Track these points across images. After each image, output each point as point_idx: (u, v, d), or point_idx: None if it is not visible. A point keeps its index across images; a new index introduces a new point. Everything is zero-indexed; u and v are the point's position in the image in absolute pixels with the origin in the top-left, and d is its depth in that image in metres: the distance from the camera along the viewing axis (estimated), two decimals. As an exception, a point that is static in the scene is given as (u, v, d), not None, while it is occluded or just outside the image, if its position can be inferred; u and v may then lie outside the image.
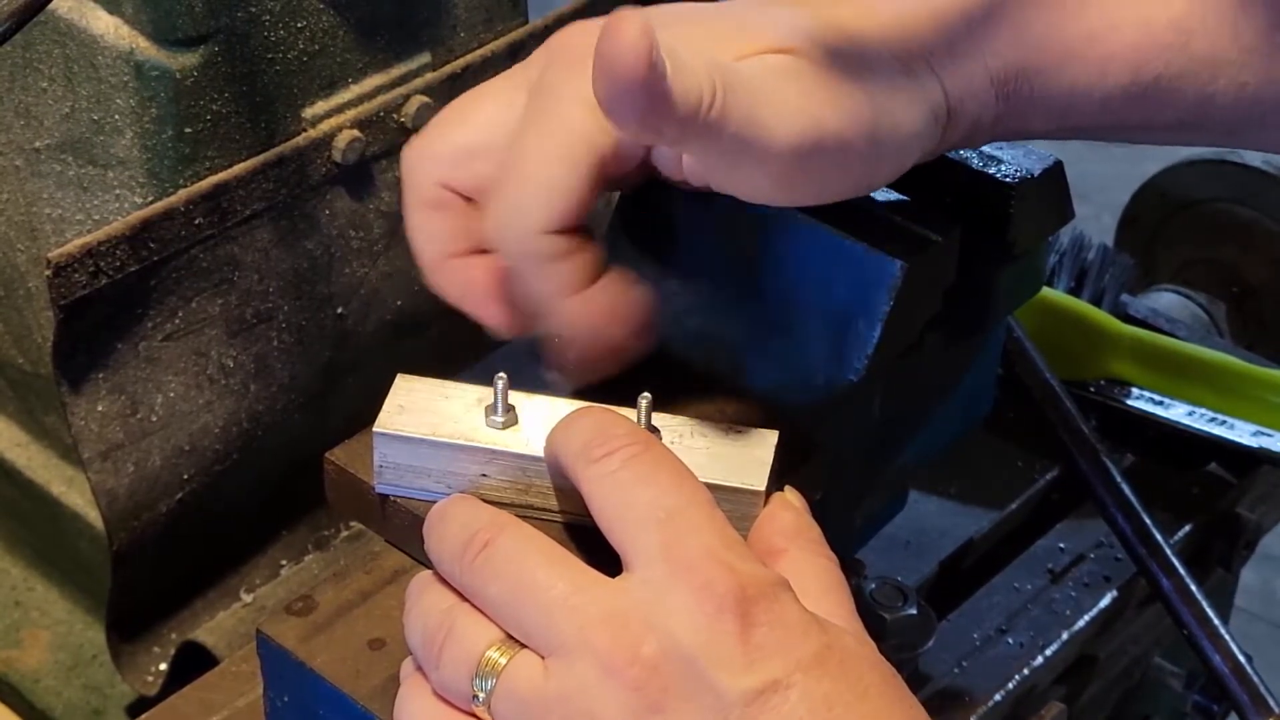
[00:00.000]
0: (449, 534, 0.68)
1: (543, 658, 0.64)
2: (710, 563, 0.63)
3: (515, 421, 0.74)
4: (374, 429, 0.75)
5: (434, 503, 0.73)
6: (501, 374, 0.74)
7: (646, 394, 0.73)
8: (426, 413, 0.74)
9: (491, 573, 0.66)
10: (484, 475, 0.73)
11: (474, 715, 0.66)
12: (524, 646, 0.65)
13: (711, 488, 0.69)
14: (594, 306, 0.72)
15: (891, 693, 0.64)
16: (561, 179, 0.70)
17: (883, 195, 0.85)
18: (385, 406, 0.75)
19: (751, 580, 0.63)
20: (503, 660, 0.64)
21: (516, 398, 0.74)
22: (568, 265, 0.71)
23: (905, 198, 0.85)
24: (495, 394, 0.74)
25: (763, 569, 0.64)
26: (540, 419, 0.74)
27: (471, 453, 0.73)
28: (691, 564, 0.63)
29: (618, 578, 0.65)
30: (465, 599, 0.67)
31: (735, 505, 0.70)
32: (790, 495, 0.72)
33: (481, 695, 0.65)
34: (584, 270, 0.71)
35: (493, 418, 0.74)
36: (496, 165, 0.71)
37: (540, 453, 0.72)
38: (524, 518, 0.72)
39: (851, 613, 0.68)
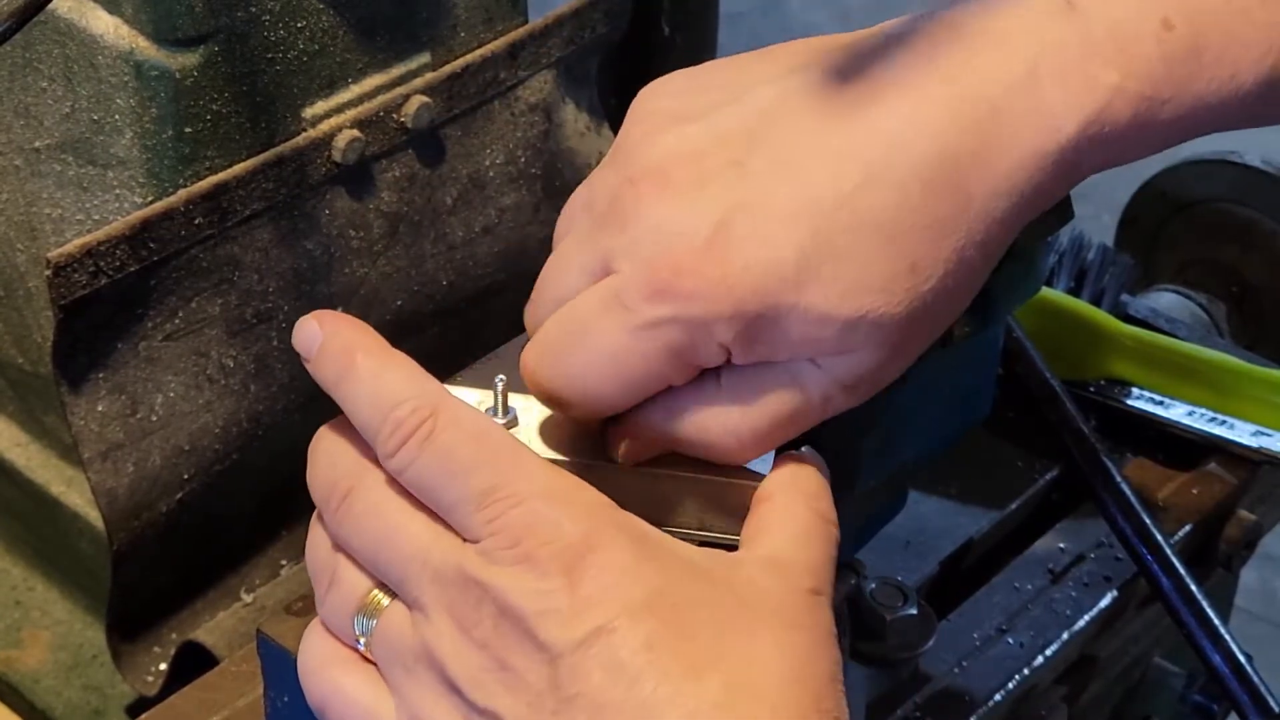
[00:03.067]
0: (317, 475, 0.70)
1: (410, 608, 0.66)
2: (532, 537, 0.64)
3: (516, 424, 0.74)
4: None
5: None
6: (502, 376, 0.74)
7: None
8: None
9: (353, 526, 0.67)
10: None
11: (359, 652, 0.68)
12: (395, 595, 0.67)
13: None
14: None
15: (753, 632, 0.64)
16: None
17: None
18: None
19: (578, 540, 0.63)
20: (383, 603, 0.67)
21: (516, 400, 0.74)
22: None
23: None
24: (495, 396, 0.74)
25: (586, 514, 0.65)
26: (540, 420, 0.74)
27: None
28: (515, 541, 0.64)
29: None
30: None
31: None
32: (806, 451, 0.71)
33: (363, 639, 0.67)
34: None
35: (494, 420, 0.74)
36: None
37: (543, 453, 0.72)
38: None
39: (823, 565, 0.67)
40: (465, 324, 1.11)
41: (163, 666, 1.04)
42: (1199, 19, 0.69)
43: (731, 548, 0.70)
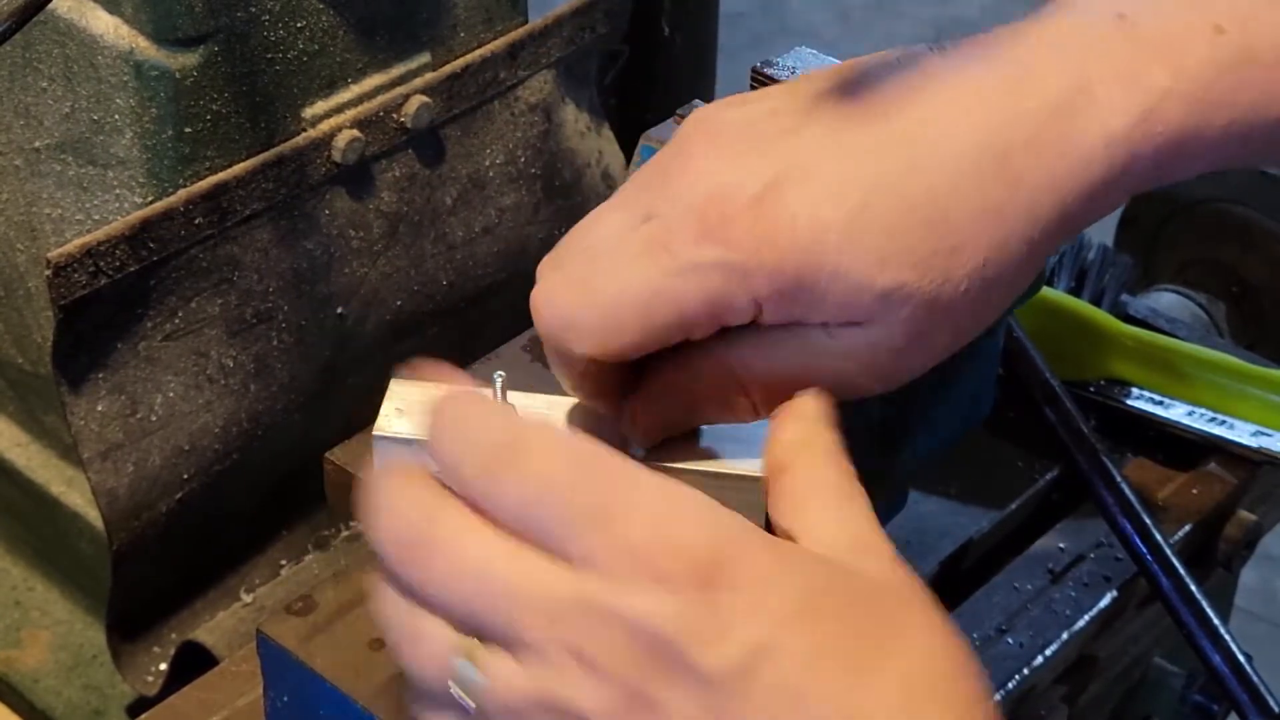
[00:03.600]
0: (383, 526, 0.63)
1: (513, 654, 0.60)
2: (657, 553, 0.59)
3: None
4: (373, 433, 0.74)
5: None
6: (500, 372, 0.74)
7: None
8: (423, 414, 0.74)
9: (438, 573, 0.61)
10: None
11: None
12: (491, 643, 0.60)
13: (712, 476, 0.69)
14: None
15: (909, 622, 0.61)
16: None
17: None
18: (382, 410, 0.75)
19: (707, 550, 0.59)
20: (473, 665, 0.60)
21: (515, 397, 0.74)
22: None
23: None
24: (494, 393, 0.74)
25: (712, 523, 0.60)
26: (540, 417, 0.74)
27: None
28: (638, 559, 0.58)
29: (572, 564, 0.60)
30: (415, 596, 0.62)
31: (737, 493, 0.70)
32: (804, 402, 0.68)
33: (465, 698, 0.60)
34: None
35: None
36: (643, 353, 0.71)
37: None
38: None
39: (870, 526, 0.64)
40: (465, 324, 1.11)
41: (163, 666, 1.04)
42: (1251, 26, 0.69)
43: None
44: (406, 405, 0.75)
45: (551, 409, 0.74)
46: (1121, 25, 0.69)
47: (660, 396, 0.70)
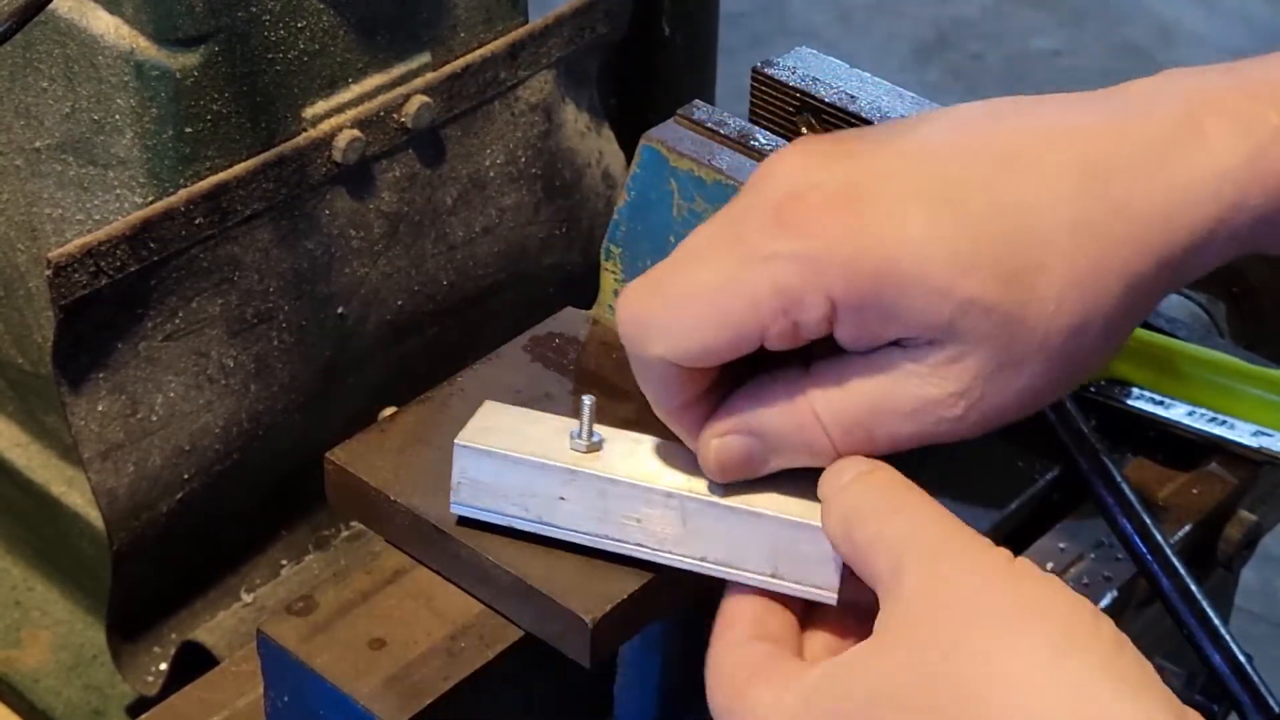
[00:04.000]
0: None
1: None
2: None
3: (599, 448, 0.74)
4: (455, 442, 0.75)
5: (506, 526, 0.75)
6: (589, 396, 0.74)
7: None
8: (510, 434, 0.75)
9: None
10: (562, 498, 0.74)
11: None
12: None
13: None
14: None
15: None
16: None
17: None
18: (469, 425, 0.76)
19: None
20: None
21: (601, 429, 0.74)
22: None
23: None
24: (582, 417, 0.74)
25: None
26: (623, 450, 0.74)
27: (551, 472, 0.74)
28: None
29: None
30: None
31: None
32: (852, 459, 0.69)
33: None
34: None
35: (576, 441, 0.75)
36: (721, 359, 0.71)
37: (621, 476, 0.73)
38: (598, 548, 0.74)
39: (958, 527, 0.66)
40: (465, 324, 1.11)
41: (163, 666, 1.04)
42: None
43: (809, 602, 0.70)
44: (493, 425, 0.76)
45: (636, 444, 0.74)
46: (1230, 73, 0.68)
47: (735, 428, 0.70)
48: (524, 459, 0.74)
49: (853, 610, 0.70)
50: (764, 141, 0.88)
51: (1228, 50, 2.93)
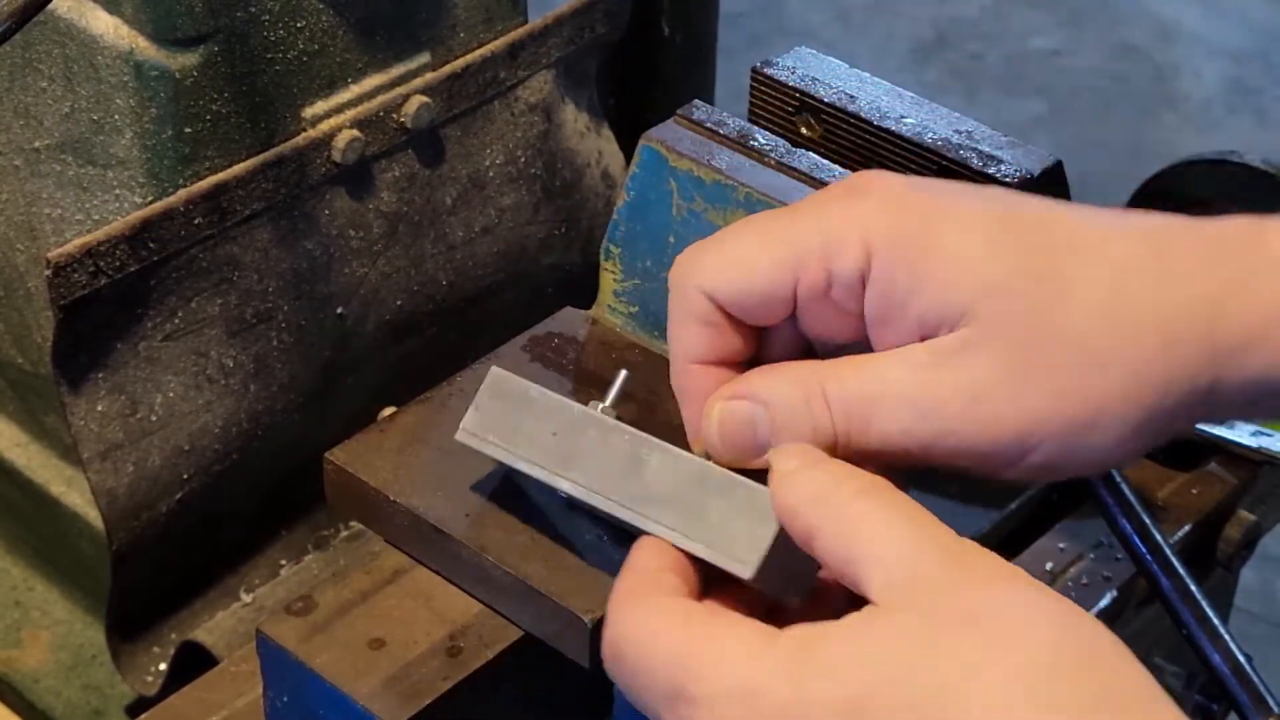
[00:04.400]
0: (641, 682, 0.65)
1: None
2: None
3: (615, 417, 0.75)
4: (493, 368, 0.76)
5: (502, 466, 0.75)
6: (624, 370, 0.75)
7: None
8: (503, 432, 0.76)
9: None
10: (554, 433, 0.74)
11: None
12: None
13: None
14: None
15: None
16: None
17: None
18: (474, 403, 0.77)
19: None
20: None
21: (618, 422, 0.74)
22: None
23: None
24: (613, 391, 0.75)
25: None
26: (624, 429, 0.73)
27: (568, 411, 0.74)
28: None
29: None
30: None
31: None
32: (783, 458, 0.67)
33: None
34: None
35: (603, 404, 0.75)
36: (760, 307, 0.71)
37: (623, 429, 0.73)
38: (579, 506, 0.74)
39: (935, 533, 0.64)
40: (465, 324, 1.11)
41: (162, 666, 1.04)
42: None
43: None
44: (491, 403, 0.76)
45: (642, 438, 0.73)
46: None
47: (742, 393, 0.70)
48: (546, 395, 0.75)
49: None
50: (763, 141, 0.88)
51: (1227, 50, 2.93)
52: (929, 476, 1.03)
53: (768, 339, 0.72)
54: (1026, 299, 0.66)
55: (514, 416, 0.75)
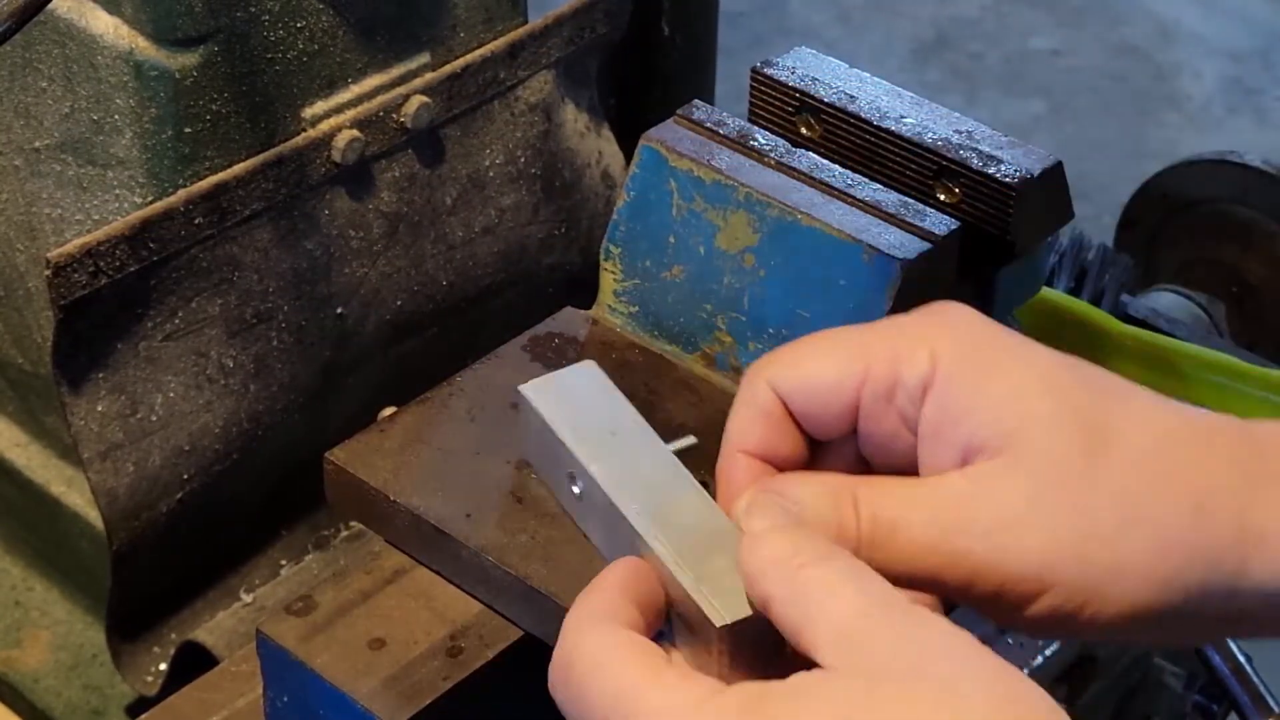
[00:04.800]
0: (581, 709, 0.65)
1: None
2: None
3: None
4: (520, 388, 0.75)
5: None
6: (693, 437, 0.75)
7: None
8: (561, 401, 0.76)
9: None
10: (613, 433, 0.73)
11: None
12: None
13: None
14: None
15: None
16: None
17: (882, 195, 0.85)
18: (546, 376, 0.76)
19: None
20: None
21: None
22: None
23: (905, 198, 0.85)
24: (682, 440, 0.74)
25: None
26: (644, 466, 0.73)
27: (636, 425, 0.74)
28: None
29: None
30: None
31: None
32: (754, 517, 0.68)
33: None
34: None
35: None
36: (823, 409, 0.71)
37: (677, 463, 0.72)
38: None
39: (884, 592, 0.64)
40: (465, 324, 1.11)
41: (163, 666, 1.04)
42: None
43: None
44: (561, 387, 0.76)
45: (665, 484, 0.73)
46: None
47: (775, 488, 0.70)
48: (628, 405, 0.75)
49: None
50: (763, 141, 0.88)
51: (1227, 50, 2.93)
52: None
53: (823, 456, 0.73)
54: (1071, 439, 0.67)
55: (585, 399, 0.75)
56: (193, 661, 1.03)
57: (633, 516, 0.70)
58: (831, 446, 0.72)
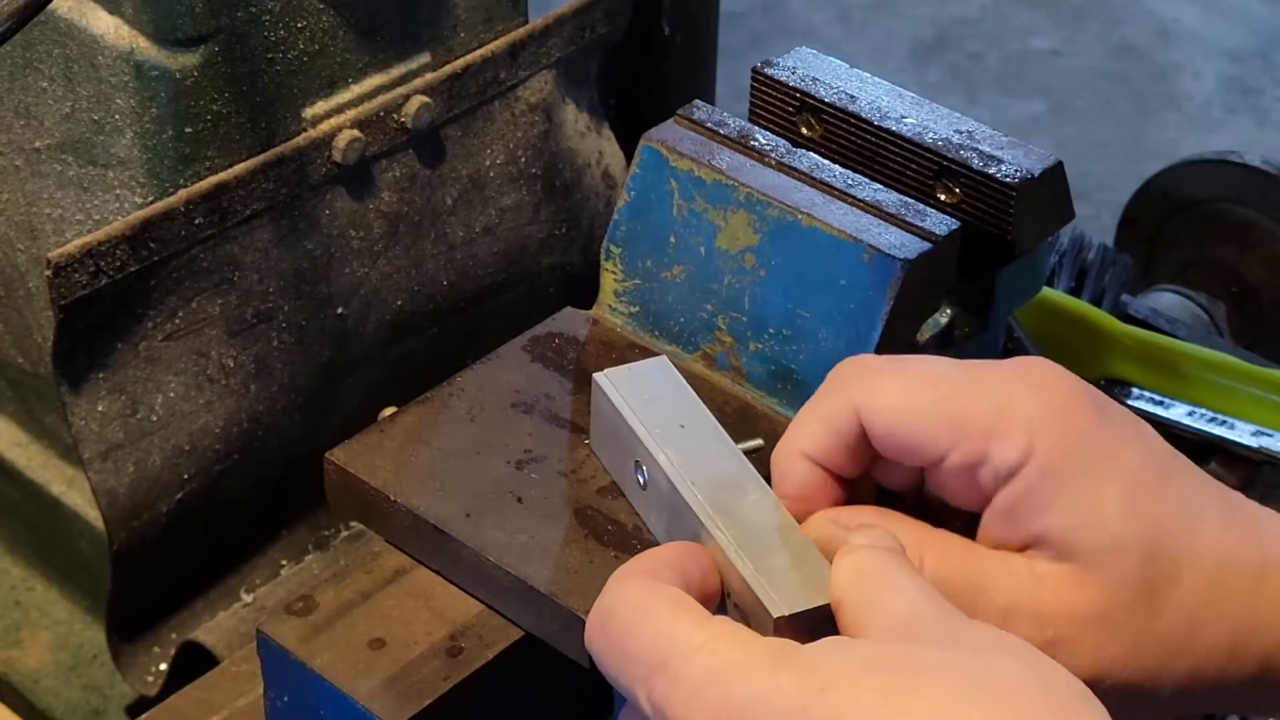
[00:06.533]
0: (623, 651, 0.65)
1: None
2: None
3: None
4: (594, 375, 0.78)
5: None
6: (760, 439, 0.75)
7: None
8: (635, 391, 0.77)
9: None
10: (682, 426, 0.75)
11: None
12: None
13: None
14: None
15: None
16: None
17: (883, 195, 0.85)
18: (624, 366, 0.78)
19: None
20: None
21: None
22: None
23: (906, 198, 0.85)
24: (749, 441, 0.75)
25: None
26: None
27: (707, 423, 0.75)
28: None
29: None
30: None
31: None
32: (864, 533, 0.69)
33: None
34: None
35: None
36: (902, 456, 0.72)
37: (745, 460, 0.73)
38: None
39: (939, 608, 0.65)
40: (465, 324, 1.11)
41: (163, 666, 1.04)
42: None
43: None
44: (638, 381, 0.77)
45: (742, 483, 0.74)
46: None
47: (837, 517, 0.71)
48: (700, 403, 0.76)
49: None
50: (764, 141, 0.88)
51: (1227, 50, 2.93)
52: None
53: (885, 465, 0.73)
54: (1139, 572, 0.69)
55: (657, 392, 0.77)
56: (193, 661, 1.03)
57: (696, 505, 0.71)
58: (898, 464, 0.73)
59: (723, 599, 0.69)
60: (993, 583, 0.69)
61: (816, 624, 0.66)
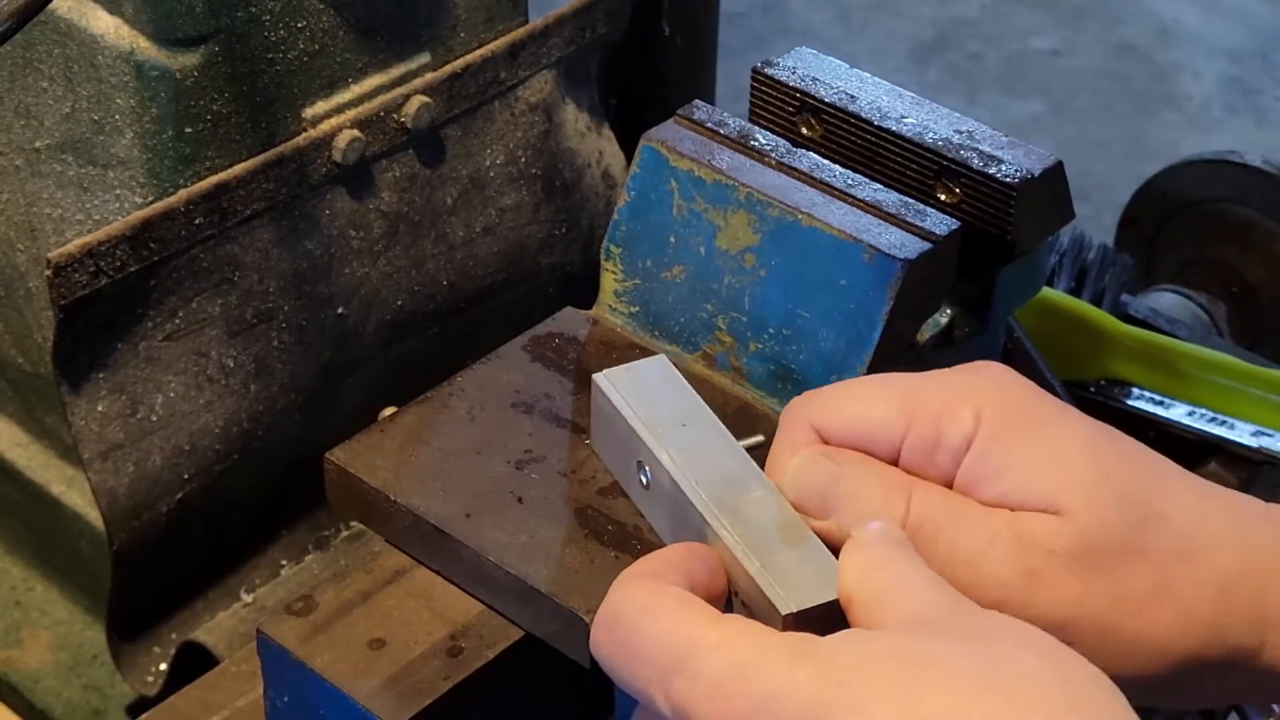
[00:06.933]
0: (636, 653, 0.65)
1: None
2: None
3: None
4: (594, 376, 0.78)
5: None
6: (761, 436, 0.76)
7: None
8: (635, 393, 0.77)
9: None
10: (684, 425, 0.75)
11: None
12: None
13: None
14: None
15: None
16: None
17: (883, 195, 0.85)
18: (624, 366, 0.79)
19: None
20: None
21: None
22: None
23: (906, 198, 0.85)
24: (752, 438, 0.76)
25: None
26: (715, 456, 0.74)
27: (707, 420, 0.75)
28: None
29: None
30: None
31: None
32: (871, 529, 0.69)
33: None
34: None
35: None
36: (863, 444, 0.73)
37: (747, 457, 0.74)
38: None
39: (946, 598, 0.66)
40: (465, 324, 1.11)
41: (163, 666, 1.04)
42: None
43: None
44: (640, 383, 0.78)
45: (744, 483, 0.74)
46: None
47: (827, 454, 0.72)
48: (702, 402, 0.76)
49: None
50: (764, 141, 0.88)
51: (1227, 50, 2.93)
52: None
53: None
54: (1114, 509, 0.69)
55: (657, 391, 0.77)
56: (193, 661, 1.03)
57: (700, 504, 0.71)
58: None
59: (730, 598, 0.69)
60: (975, 513, 0.70)
61: (825, 619, 0.66)
